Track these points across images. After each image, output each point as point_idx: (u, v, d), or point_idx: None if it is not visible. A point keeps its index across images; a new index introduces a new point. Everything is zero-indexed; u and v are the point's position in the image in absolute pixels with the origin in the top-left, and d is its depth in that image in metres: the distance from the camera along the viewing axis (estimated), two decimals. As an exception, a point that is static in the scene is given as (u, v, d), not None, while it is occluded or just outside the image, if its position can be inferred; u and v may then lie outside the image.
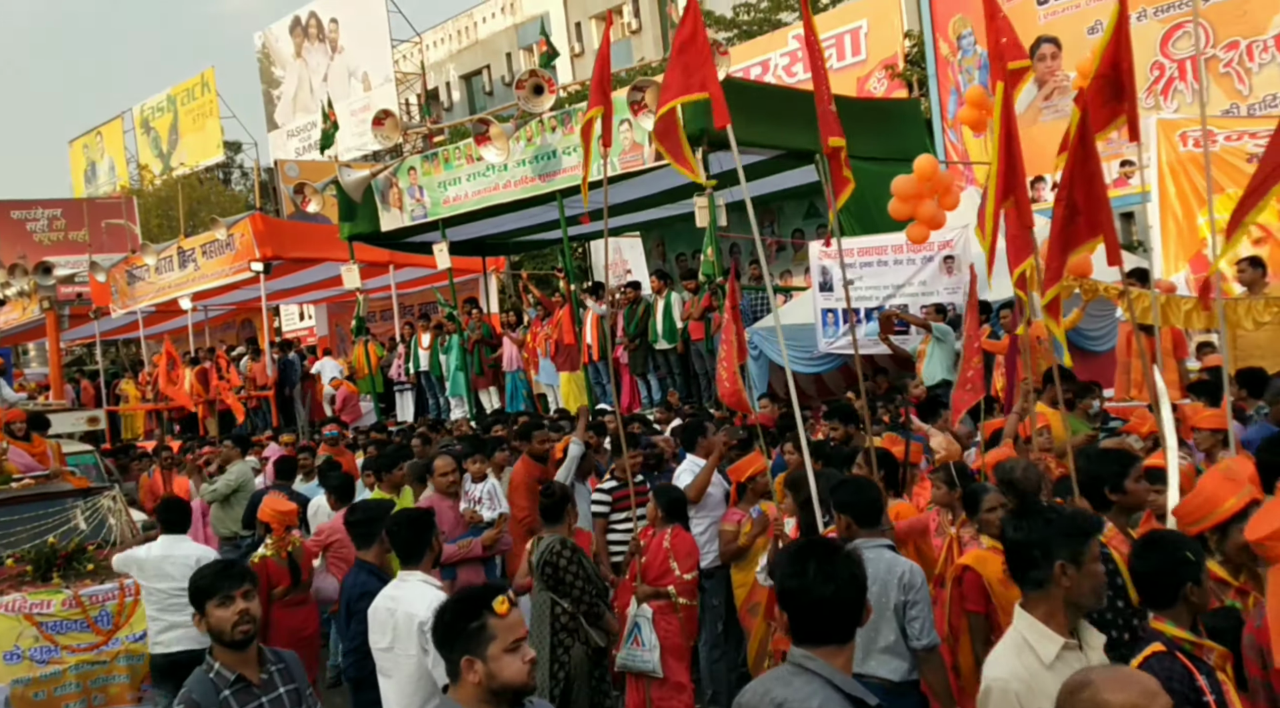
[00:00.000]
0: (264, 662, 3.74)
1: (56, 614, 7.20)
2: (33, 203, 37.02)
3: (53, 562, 7.72)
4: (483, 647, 2.78)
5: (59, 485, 8.73)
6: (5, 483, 8.55)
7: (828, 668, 2.63)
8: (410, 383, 15.67)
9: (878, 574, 4.17)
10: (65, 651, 7.16)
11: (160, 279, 18.57)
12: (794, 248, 15.04)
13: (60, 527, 8.02)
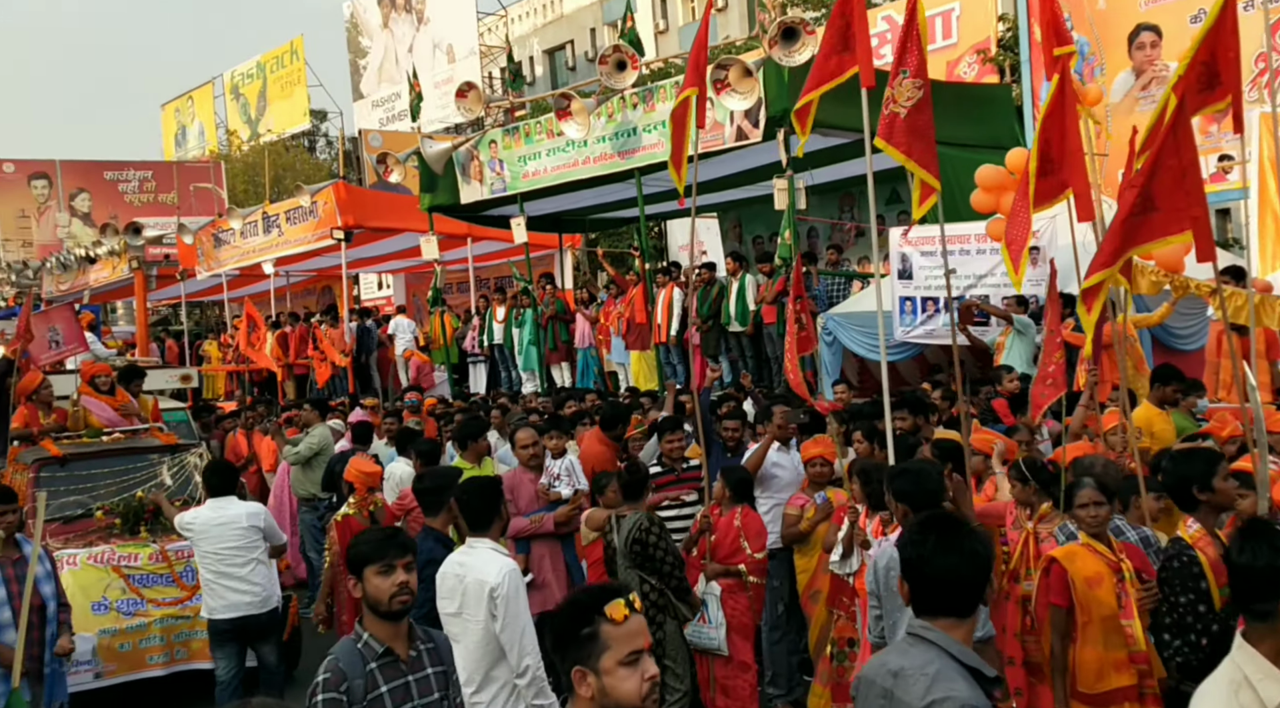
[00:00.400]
0: (414, 638, 3.60)
1: (143, 568, 7.31)
2: (125, 164, 38.15)
3: (140, 516, 7.83)
4: (595, 658, 2.45)
5: (147, 441, 8.82)
6: (95, 436, 8.66)
7: (945, 638, 2.63)
8: (484, 355, 15.83)
9: None
10: (151, 604, 7.26)
11: (245, 243, 18.98)
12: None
13: (147, 482, 8.18)
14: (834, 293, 11.99)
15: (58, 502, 7.61)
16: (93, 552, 7.38)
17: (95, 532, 7.75)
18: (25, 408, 8.97)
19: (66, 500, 7.88)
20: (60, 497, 7.71)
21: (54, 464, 8.09)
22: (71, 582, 6.85)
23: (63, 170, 37.05)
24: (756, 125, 10.88)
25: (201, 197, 33.20)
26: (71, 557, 7.21)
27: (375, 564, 3.52)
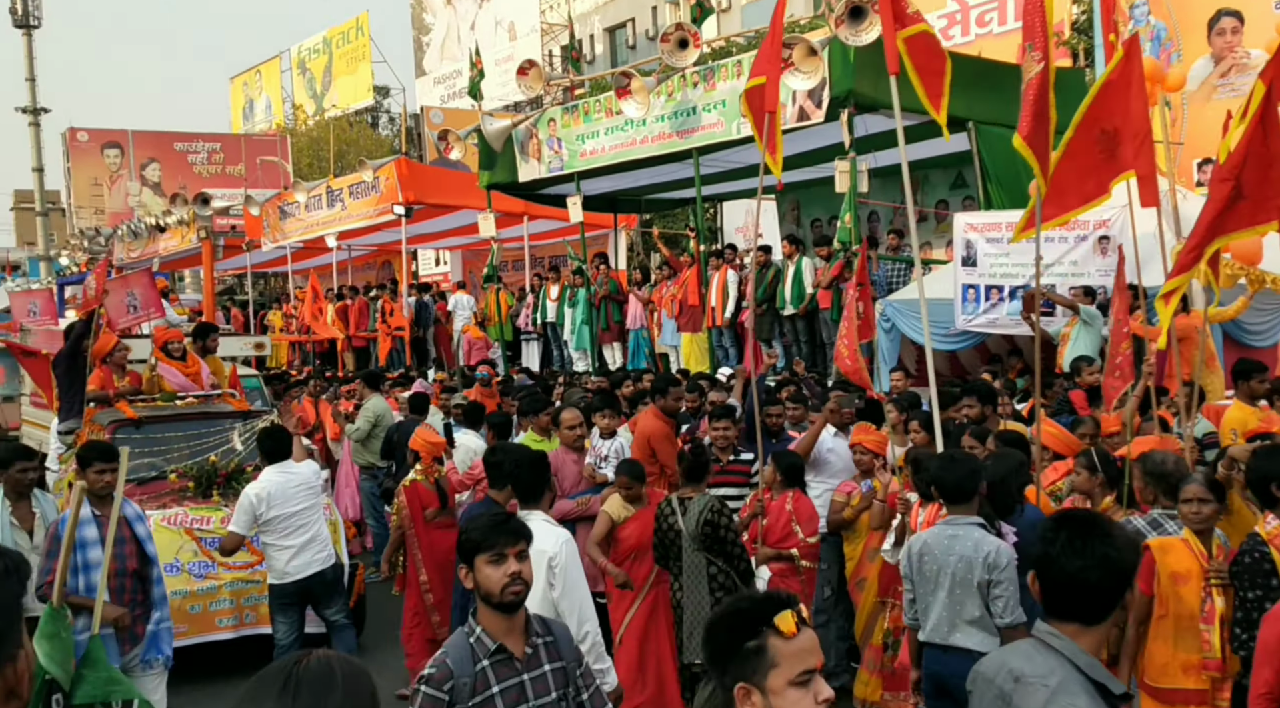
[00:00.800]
0: (531, 633, 3.29)
1: (215, 531, 7.24)
2: (194, 136, 38.87)
3: (213, 480, 7.90)
4: (761, 675, 2.21)
5: (219, 407, 8.89)
6: (169, 401, 8.75)
7: (1071, 647, 2.48)
8: (537, 333, 15.87)
9: (964, 551, 4.39)
10: (221, 567, 7.23)
11: (309, 216, 19.21)
12: (937, 219, 14.53)
13: (219, 447, 8.24)
14: (894, 279, 11.78)
15: (132, 463, 7.95)
16: (166, 514, 7.41)
17: (168, 494, 7.79)
18: (100, 370, 9.05)
19: (140, 462, 7.89)
20: (134, 459, 7.75)
21: (129, 426, 8.14)
22: None
23: (134, 140, 37.85)
24: (819, 106, 10.69)
25: (267, 169, 33.67)
26: (148, 517, 7.33)
27: (486, 553, 3.23)
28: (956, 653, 4.39)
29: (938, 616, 4.47)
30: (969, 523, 4.47)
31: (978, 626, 4.39)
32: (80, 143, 37.58)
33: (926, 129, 12.11)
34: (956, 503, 4.53)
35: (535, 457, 5.07)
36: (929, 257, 13.77)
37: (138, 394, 8.81)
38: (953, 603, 4.41)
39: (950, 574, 4.41)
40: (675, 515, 5.70)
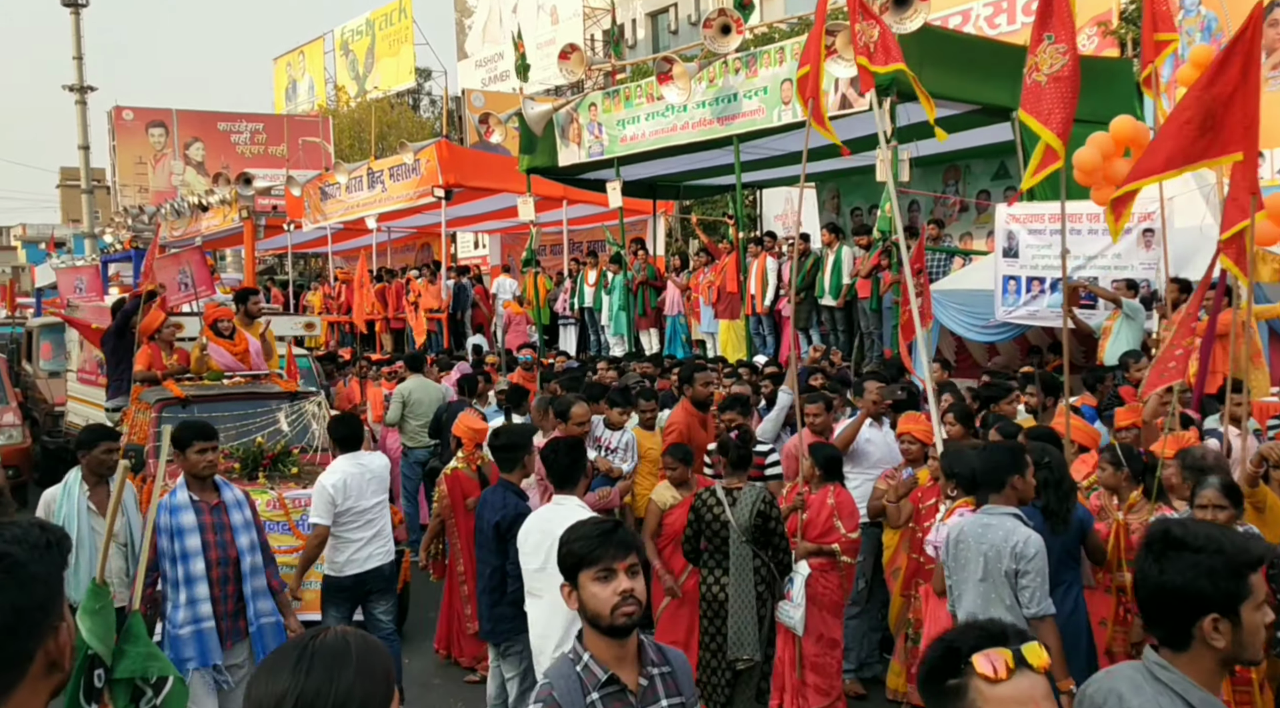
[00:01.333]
0: (645, 661, 2.85)
1: (261, 514, 6.82)
2: (238, 116, 39.25)
3: (259, 461, 7.67)
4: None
5: (267, 386, 8.66)
6: (217, 379, 8.58)
7: (1183, 682, 2.28)
8: (574, 318, 15.92)
9: (995, 540, 4.42)
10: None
11: (350, 198, 19.36)
12: (978, 209, 14.41)
13: (267, 428, 8.04)
14: (934, 269, 11.70)
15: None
16: None
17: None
18: (147, 347, 8.89)
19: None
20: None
21: (176, 405, 7.97)
22: None
23: (179, 120, 38.29)
24: (861, 94, 10.63)
25: (309, 150, 33.95)
26: None
27: (591, 568, 2.80)
28: None
29: (971, 603, 4.54)
30: (1003, 513, 4.51)
31: (1010, 615, 4.41)
32: (125, 122, 38.07)
33: (968, 119, 12.06)
34: (992, 492, 4.57)
35: (570, 442, 5.05)
36: (970, 247, 13.67)
37: (185, 373, 8.65)
38: (985, 592, 4.48)
39: (982, 563, 4.46)
40: (722, 506, 5.55)
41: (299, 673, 1.66)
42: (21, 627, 1.57)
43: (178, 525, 5.08)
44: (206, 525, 5.14)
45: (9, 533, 1.62)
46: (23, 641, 1.58)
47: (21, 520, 1.70)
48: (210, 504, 5.20)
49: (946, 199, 14.74)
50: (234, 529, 5.20)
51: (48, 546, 1.64)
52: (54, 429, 13.53)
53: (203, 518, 5.14)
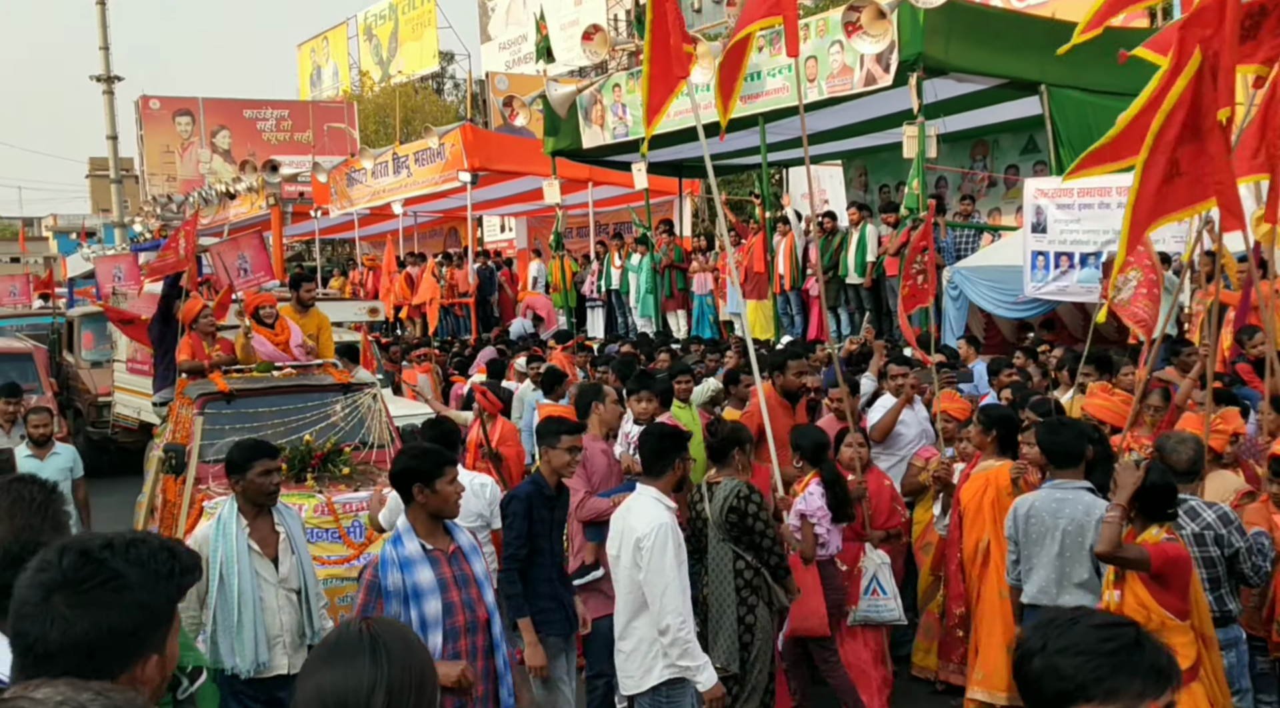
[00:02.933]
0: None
1: (308, 521, 6.27)
2: (263, 103, 39.45)
3: (307, 462, 6.89)
4: None
5: (319, 378, 7.84)
6: (265, 371, 7.84)
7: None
8: (601, 300, 15.94)
9: (1075, 515, 4.47)
10: (316, 562, 5.95)
11: (375, 183, 19.45)
12: (1006, 184, 14.27)
13: (318, 424, 7.26)
14: (962, 245, 11.62)
15: (222, 442, 6.67)
16: None
17: None
18: (190, 336, 8.29)
19: (229, 442, 6.92)
20: (223, 437, 6.80)
21: (219, 400, 7.22)
22: None
23: (205, 108, 38.52)
24: (887, 70, 10.54)
25: (335, 136, 34.08)
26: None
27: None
28: None
29: (1045, 577, 4.57)
30: (1077, 487, 4.54)
31: (1085, 588, 4.48)
32: (152, 111, 38.35)
33: (997, 93, 11.93)
34: (1063, 467, 4.60)
35: (667, 430, 4.76)
36: (998, 223, 13.56)
37: (232, 364, 7.93)
38: (1062, 565, 4.52)
39: (1060, 537, 4.51)
40: (703, 502, 4.96)
41: (379, 659, 1.68)
42: (113, 648, 1.54)
43: (413, 586, 3.74)
44: (448, 582, 3.80)
45: (133, 552, 1.60)
46: (108, 662, 1.55)
47: (154, 539, 1.66)
48: (446, 552, 3.85)
49: (974, 175, 14.61)
50: (479, 583, 3.89)
51: (170, 574, 1.62)
52: (98, 421, 13.27)
53: (440, 571, 3.80)
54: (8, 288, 26.82)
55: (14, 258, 45.09)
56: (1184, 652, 3.92)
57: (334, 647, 1.74)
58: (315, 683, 1.69)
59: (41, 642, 1.52)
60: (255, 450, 4.66)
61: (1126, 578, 3.95)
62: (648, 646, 4.20)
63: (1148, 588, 3.90)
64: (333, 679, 1.67)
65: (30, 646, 1.53)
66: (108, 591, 1.55)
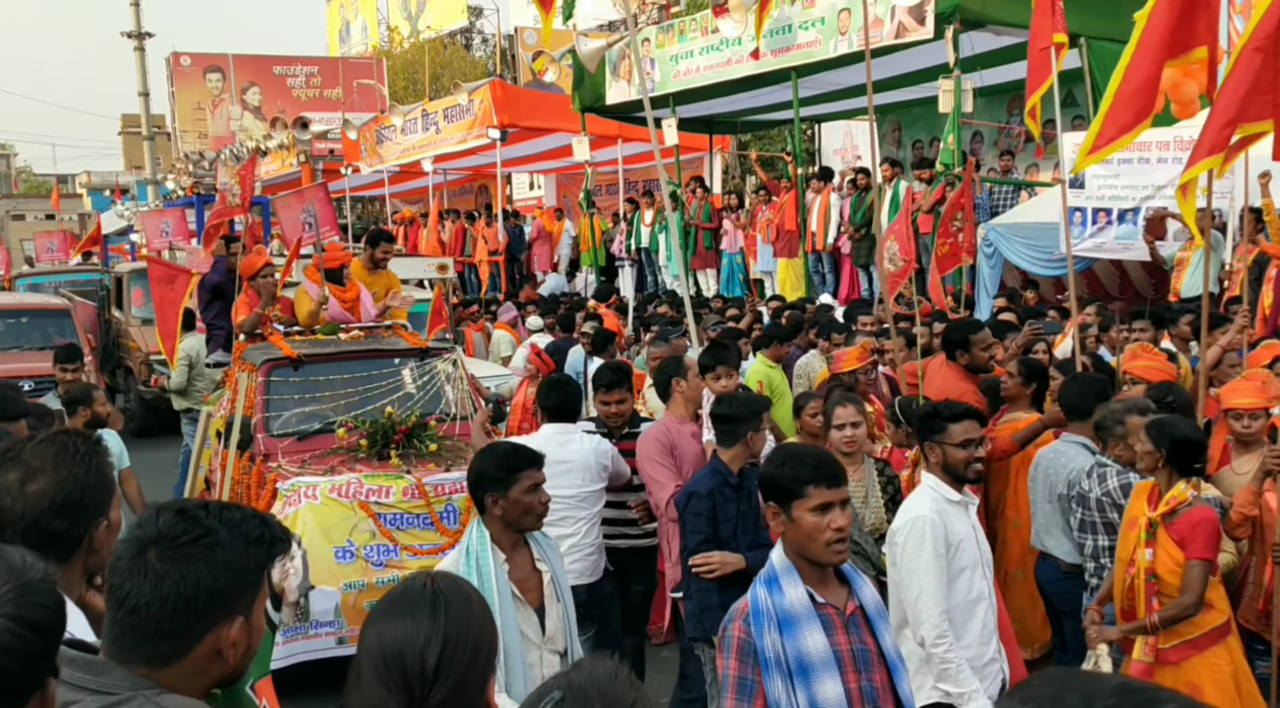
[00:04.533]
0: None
1: (396, 505, 5.63)
2: (293, 59, 39.39)
3: (390, 437, 6.09)
4: None
5: (391, 342, 7.10)
6: (331, 333, 7.11)
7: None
8: (631, 259, 15.87)
9: (1061, 466, 4.79)
10: (406, 552, 5.56)
11: (405, 140, 19.41)
12: (1045, 140, 14.01)
13: (392, 393, 6.51)
14: (998, 202, 11.44)
15: (290, 414, 6.30)
16: (335, 482, 5.66)
17: (336, 454, 6.08)
18: (246, 294, 7.58)
19: (296, 413, 6.33)
20: (293, 408, 6.31)
21: (286, 367, 6.46)
22: (311, 520, 5.44)
23: (235, 65, 38.49)
24: (922, 21, 10.33)
25: (364, 93, 33.99)
26: (310, 488, 5.59)
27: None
28: (1047, 560, 4.93)
29: (1037, 524, 4.97)
30: (1076, 441, 4.83)
31: (1066, 535, 4.76)
32: (183, 67, 38.37)
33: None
34: (1072, 420, 4.90)
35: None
36: (1036, 179, 13.34)
37: (293, 326, 7.25)
38: (1049, 512, 4.86)
39: (1048, 486, 4.85)
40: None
41: (438, 615, 1.74)
42: (201, 605, 1.60)
43: (799, 658, 2.61)
44: (844, 656, 2.67)
45: (226, 515, 1.67)
46: (195, 619, 1.60)
47: (247, 508, 1.73)
48: (843, 610, 2.74)
49: (1011, 129, 14.36)
50: (884, 652, 2.75)
51: (260, 539, 1.68)
52: (148, 380, 12.92)
53: (836, 639, 2.68)
54: (45, 245, 27.14)
55: (49, 215, 45.55)
56: (1220, 606, 3.96)
57: (397, 599, 1.81)
58: (375, 633, 1.76)
59: (134, 595, 1.59)
60: (518, 457, 3.38)
61: (1158, 537, 3.90)
62: (918, 660, 3.49)
63: (1180, 549, 3.86)
64: (391, 631, 1.73)
65: (123, 599, 1.60)
66: (200, 547, 1.61)
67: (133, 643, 1.58)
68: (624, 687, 1.44)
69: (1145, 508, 3.98)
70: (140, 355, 13.20)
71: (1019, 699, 1.04)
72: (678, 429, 4.91)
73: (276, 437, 6.16)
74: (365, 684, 1.73)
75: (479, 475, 3.38)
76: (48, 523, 1.93)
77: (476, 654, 1.76)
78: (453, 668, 1.73)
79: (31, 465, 1.98)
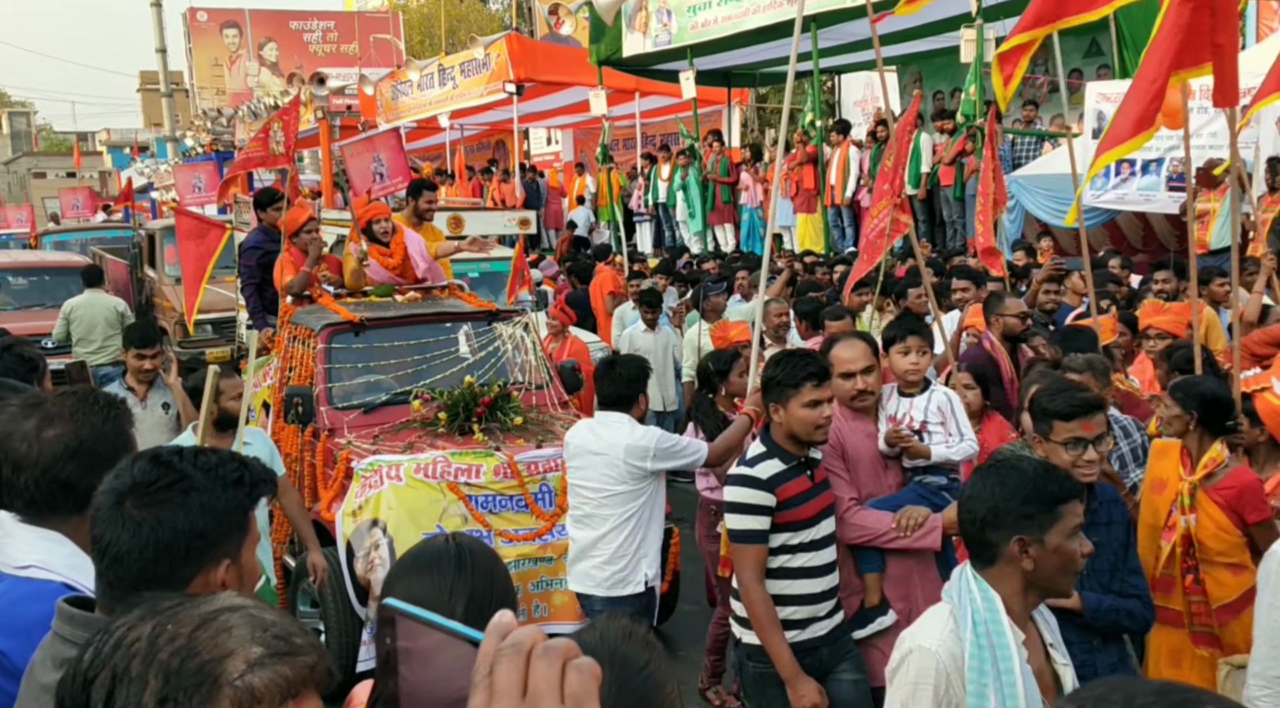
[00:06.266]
0: None
1: (487, 486, 5.08)
2: (309, 14, 39.15)
3: (472, 410, 5.48)
4: None
5: (454, 304, 6.51)
6: (385, 295, 6.53)
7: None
8: (649, 215, 15.81)
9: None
10: (500, 538, 5.02)
11: (422, 96, 19.32)
12: (1070, 89, 13.80)
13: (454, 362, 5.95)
14: (1021, 153, 11.31)
15: (354, 383, 5.79)
16: (420, 461, 5.07)
17: (410, 429, 5.51)
18: (289, 252, 6.93)
19: (361, 383, 5.81)
20: (356, 377, 5.82)
21: (347, 332, 5.92)
22: (397, 504, 4.90)
23: (251, 20, 38.29)
24: (945, -30, 10.16)
25: (381, 48, 33.79)
26: (392, 468, 4.99)
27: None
28: None
29: None
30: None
31: None
32: (200, 23, 38.22)
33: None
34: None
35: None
36: (1060, 130, 13.16)
37: (341, 288, 6.70)
38: None
39: None
40: None
41: (463, 570, 1.76)
42: (181, 550, 1.61)
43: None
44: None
45: (201, 460, 1.67)
46: (177, 564, 1.61)
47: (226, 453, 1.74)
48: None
49: (1035, 79, 14.14)
50: None
51: (239, 482, 1.67)
52: (185, 340, 12.33)
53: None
54: (71, 201, 27.27)
55: (69, 173, 45.72)
56: (1252, 566, 3.82)
57: (420, 556, 1.82)
58: (403, 589, 1.76)
59: (115, 545, 1.60)
60: (1063, 485, 2.29)
61: (1199, 501, 3.80)
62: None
63: (1224, 513, 3.76)
64: (419, 586, 1.74)
65: (105, 549, 1.61)
66: (175, 492, 1.61)
67: (121, 594, 1.58)
68: (638, 646, 1.37)
69: (1180, 471, 3.80)
70: (174, 315, 12.73)
71: (1069, 701, 1.07)
72: (849, 426, 3.74)
73: (340, 410, 5.59)
74: None
75: (997, 511, 2.26)
76: (60, 470, 1.95)
77: (503, 607, 1.79)
78: (479, 622, 1.75)
79: (50, 413, 2.01)
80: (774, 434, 3.47)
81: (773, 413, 3.44)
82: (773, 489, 3.36)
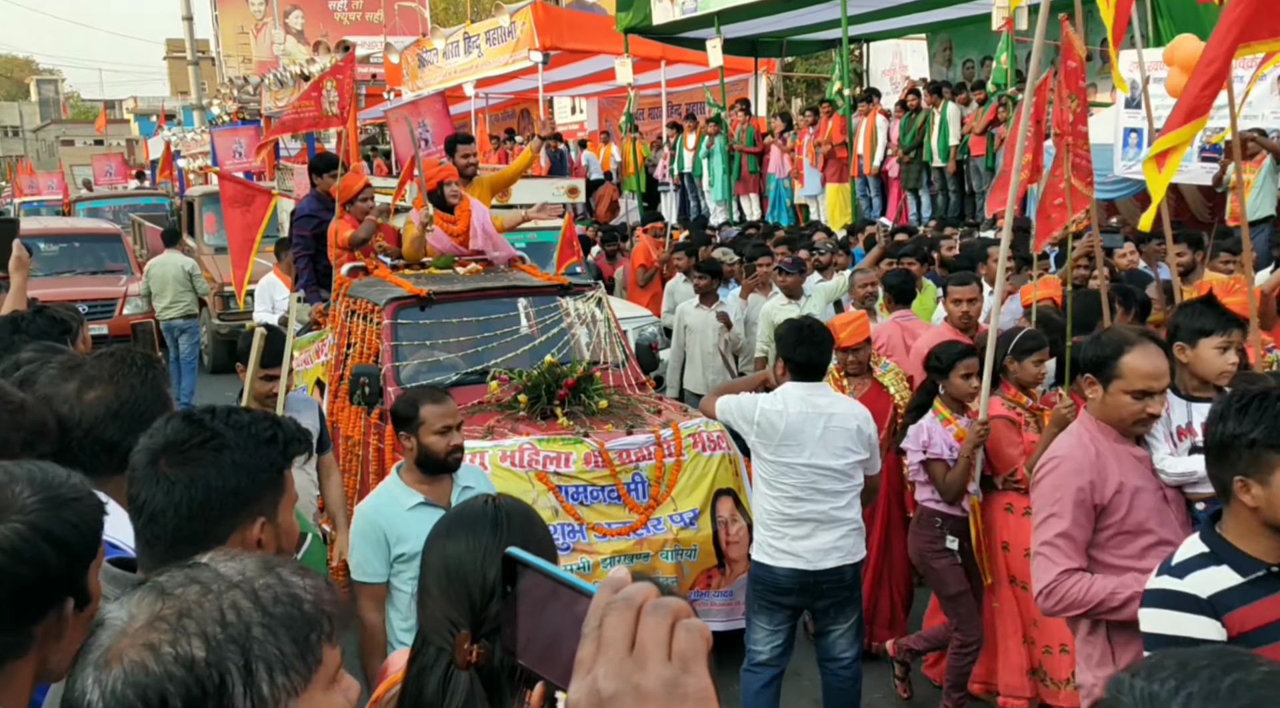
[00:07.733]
0: None
1: (578, 476, 4.68)
2: (334, -18, 38.97)
3: (554, 391, 5.04)
4: None
5: (519, 277, 6.11)
6: (445, 266, 6.13)
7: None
8: (674, 184, 15.73)
9: None
10: (593, 532, 4.65)
11: (447, 64, 19.25)
12: (1101, 58, 13.58)
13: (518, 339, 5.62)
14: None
15: (419, 362, 5.45)
16: (505, 448, 4.68)
17: (486, 412, 5.10)
18: (343, 220, 6.42)
19: (427, 362, 5.47)
20: (423, 356, 5.48)
21: (413, 307, 5.54)
22: None
23: (277, -13, 38.23)
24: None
25: (406, 15, 33.65)
26: (476, 455, 4.43)
27: None
28: None
29: None
30: None
31: None
32: (225, -10, 38.22)
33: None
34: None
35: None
36: (1093, 98, 12.96)
37: (398, 259, 6.33)
38: None
39: None
40: None
41: (499, 532, 1.78)
42: (214, 507, 1.62)
43: None
44: None
45: (234, 418, 1.69)
46: (212, 522, 1.62)
47: (260, 413, 1.75)
48: None
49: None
50: None
51: (271, 440, 1.68)
52: (225, 312, 11.89)
53: None
54: (104, 168, 27.35)
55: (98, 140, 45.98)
56: None
57: (458, 517, 1.85)
58: (439, 550, 1.80)
59: (150, 503, 1.62)
60: None
61: None
62: None
63: None
64: (455, 546, 1.78)
65: (140, 508, 1.63)
66: (207, 450, 1.63)
67: (160, 553, 1.59)
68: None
69: None
70: (215, 286, 12.18)
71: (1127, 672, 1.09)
72: (1115, 448, 2.86)
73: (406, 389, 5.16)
74: (430, 599, 1.78)
75: None
76: (103, 431, 1.98)
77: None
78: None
79: (90, 375, 2.04)
80: (1234, 520, 2.20)
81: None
82: (1219, 615, 2.17)
